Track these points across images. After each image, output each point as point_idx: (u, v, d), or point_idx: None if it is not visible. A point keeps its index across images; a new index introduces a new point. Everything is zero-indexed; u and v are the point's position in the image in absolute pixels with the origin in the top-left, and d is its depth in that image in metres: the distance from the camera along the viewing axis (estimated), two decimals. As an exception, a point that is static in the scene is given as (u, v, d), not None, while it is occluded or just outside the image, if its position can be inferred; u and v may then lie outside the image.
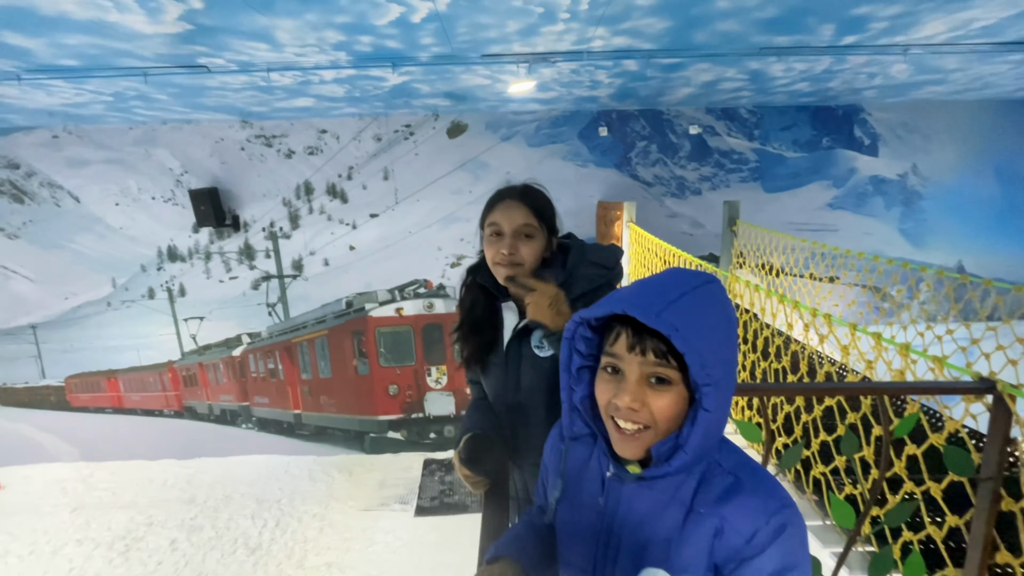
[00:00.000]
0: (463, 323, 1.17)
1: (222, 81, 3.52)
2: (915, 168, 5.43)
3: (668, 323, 0.54)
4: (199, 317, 5.55)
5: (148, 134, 5.10)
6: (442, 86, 3.94)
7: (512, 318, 1.15)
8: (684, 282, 0.58)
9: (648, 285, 0.59)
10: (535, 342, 1.11)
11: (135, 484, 5.42)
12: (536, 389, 1.11)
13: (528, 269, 1.08)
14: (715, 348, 0.55)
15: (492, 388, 1.18)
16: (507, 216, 1.06)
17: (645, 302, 0.56)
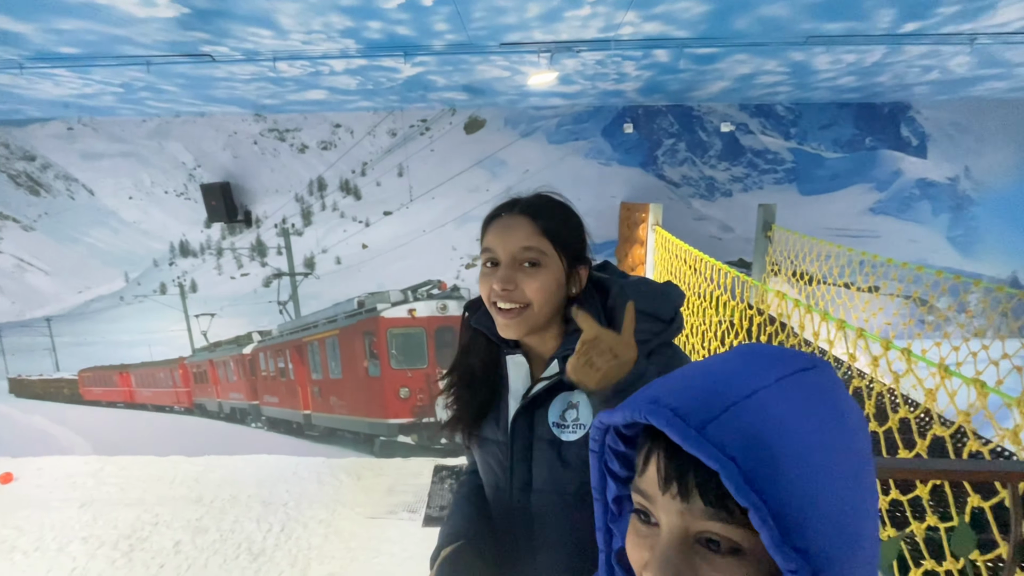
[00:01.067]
0: (454, 367, 0.89)
1: (229, 71, 3.37)
2: (967, 171, 5.02)
3: (718, 445, 0.30)
4: (210, 314, 5.46)
5: (161, 127, 5.01)
6: (459, 78, 3.74)
7: (520, 377, 0.84)
8: (760, 370, 0.34)
9: (701, 373, 0.36)
10: (555, 417, 0.79)
11: (144, 480, 5.37)
12: (554, 492, 0.79)
13: (537, 314, 0.77)
14: (818, 498, 0.30)
15: (488, 478, 0.88)
16: (501, 237, 0.77)
17: (687, 404, 0.33)
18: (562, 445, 0.78)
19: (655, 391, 0.35)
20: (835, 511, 0.31)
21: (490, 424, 0.85)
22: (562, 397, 0.80)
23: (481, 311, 0.86)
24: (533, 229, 0.78)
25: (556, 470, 0.79)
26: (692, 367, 0.37)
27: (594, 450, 0.42)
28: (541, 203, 0.81)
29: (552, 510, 0.80)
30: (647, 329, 0.78)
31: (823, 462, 0.31)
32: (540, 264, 0.77)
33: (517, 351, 0.85)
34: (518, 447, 0.81)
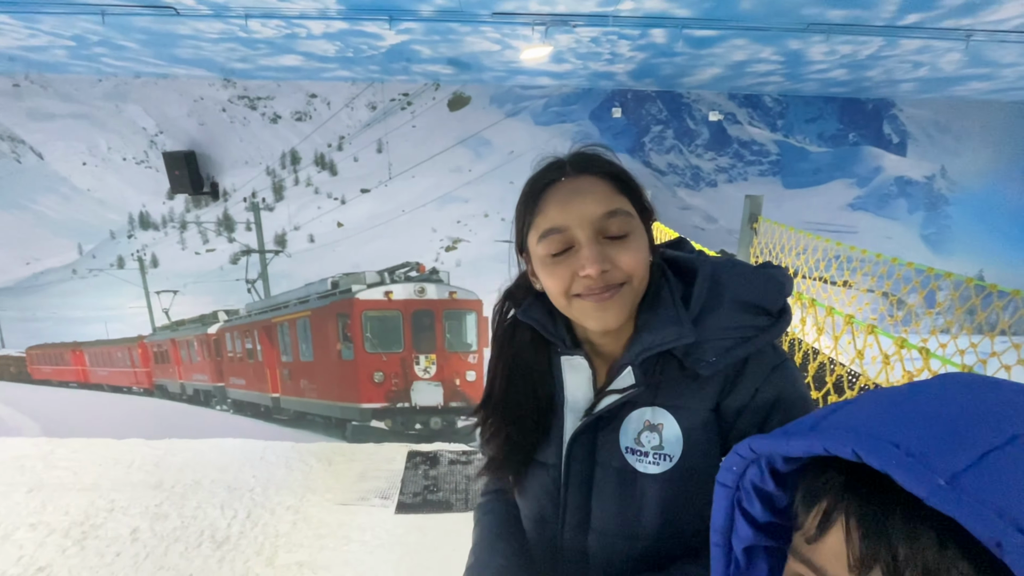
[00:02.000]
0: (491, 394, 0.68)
1: (195, 28, 3.09)
2: (943, 171, 5.11)
3: (987, 502, 0.21)
4: (172, 290, 5.16)
5: (119, 88, 4.64)
6: (445, 50, 3.54)
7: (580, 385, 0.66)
8: (1009, 407, 0.25)
9: (916, 404, 0.26)
10: (628, 441, 0.62)
11: (98, 464, 5.09)
12: (621, 535, 0.63)
13: (638, 288, 0.61)
14: None
15: (530, 508, 0.69)
16: (575, 206, 0.59)
17: (920, 442, 0.23)
18: (638, 478, 0.62)
19: (858, 419, 0.25)
20: None
21: (544, 449, 0.67)
22: (638, 414, 0.62)
23: (528, 302, 0.68)
24: (609, 188, 0.61)
25: (626, 508, 0.62)
26: (887, 394, 0.27)
27: (725, 483, 0.33)
28: (597, 155, 0.64)
29: (617, 556, 0.64)
30: (750, 324, 0.62)
31: None
32: (630, 230, 0.61)
33: (577, 351, 0.66)
34: (576, 476, 0.64)
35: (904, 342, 1.24)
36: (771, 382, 0.60)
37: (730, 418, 0.62)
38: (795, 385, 0.62)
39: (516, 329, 0.69)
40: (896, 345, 1.26)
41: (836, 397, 1.45)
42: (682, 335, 0.60)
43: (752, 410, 0.61)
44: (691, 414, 0.61)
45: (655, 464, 0.61)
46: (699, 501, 0.62)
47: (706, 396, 0.62)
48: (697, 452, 0.61)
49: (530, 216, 0.64)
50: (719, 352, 0.60)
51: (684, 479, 0.61)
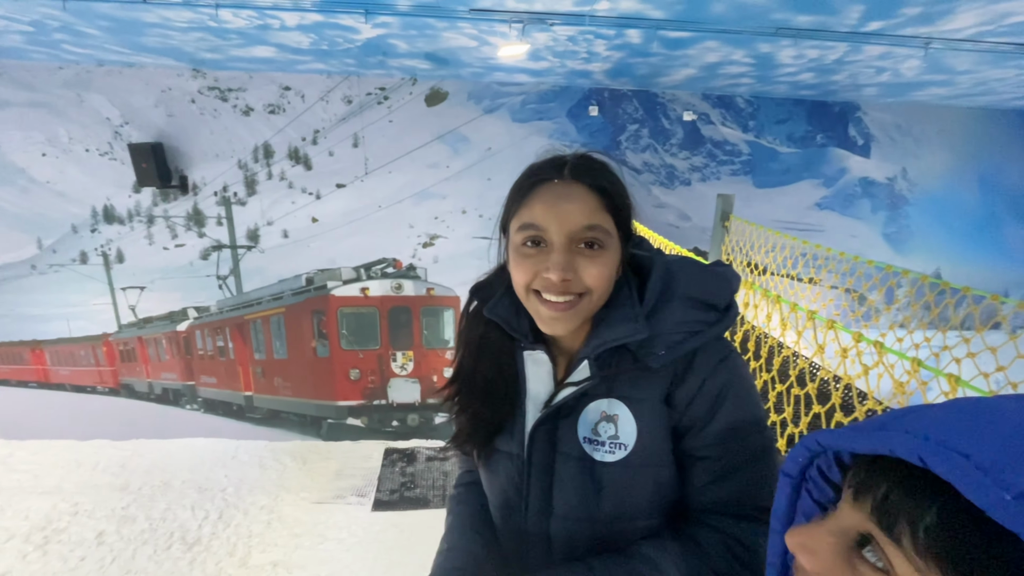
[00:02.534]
0: (460, 373, 0.73)
1: (163, 16, 3.00)
2: (904, 172, 5.33)
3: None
4: (139, 287, 5.01)
5: (81, 76, 4.46)
6: (423, 45, 3.52)
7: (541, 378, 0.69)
8: None
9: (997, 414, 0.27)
10: (586, 431, 0.66)
11: (61, 467, 4.91)
12: (584, 519, 0.67)
13: (596, 303, 0.64)
14: None
15: (497, 498, 0.73)
16: (556, 211, 0.61)
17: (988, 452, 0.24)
18: (595, 466, 0.66)
19: (929, 424, 0.26)
20: None
21: (503, 434, 0.71)
22: (595, 406, 0.66)
23: (496, 299, 0.71)
24: (595, 203, 0.63)
25: (586, 495, 0.66)
26: (969, 403, 0.28)
27: (790, 474, 0.35)
28: (597, 167, 0.66)
29: (577, 539, 0.68)
30: (699, 319, 0.66)
31: None
32: (603, 246, 0.63)
33: (539, 346, 0.70)
34: (537, 464, 0.68)
35: (860, 336, 1.31)
36: (717, 373, 0.64)
37: (680, 407, 0.66)
38: (740, 375, 0.66)
39: (482, 324, 0.72)
40: (854, 339, 1.33)
41: (798, 389, 1.51)
42: (636, 331, 0.64)
43: (700, 399, 0.64)
44: (644, 405, 0.65)
45: (611, 452, 0.65)
46: (652, 485, 0.66)
47: (657, 387, 0.66)
48: (649, 440, 0.65)
49: (517, 204, 0.66)
50: (669, 346, 0.64)
51: (638, 466, 0.65)
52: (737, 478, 0.64)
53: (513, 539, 0.72)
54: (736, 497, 0.64)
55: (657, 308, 0.65)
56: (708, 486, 0.65)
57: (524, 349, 0.70)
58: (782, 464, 0.35)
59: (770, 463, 0.66)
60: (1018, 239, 5.62)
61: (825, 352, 1.50)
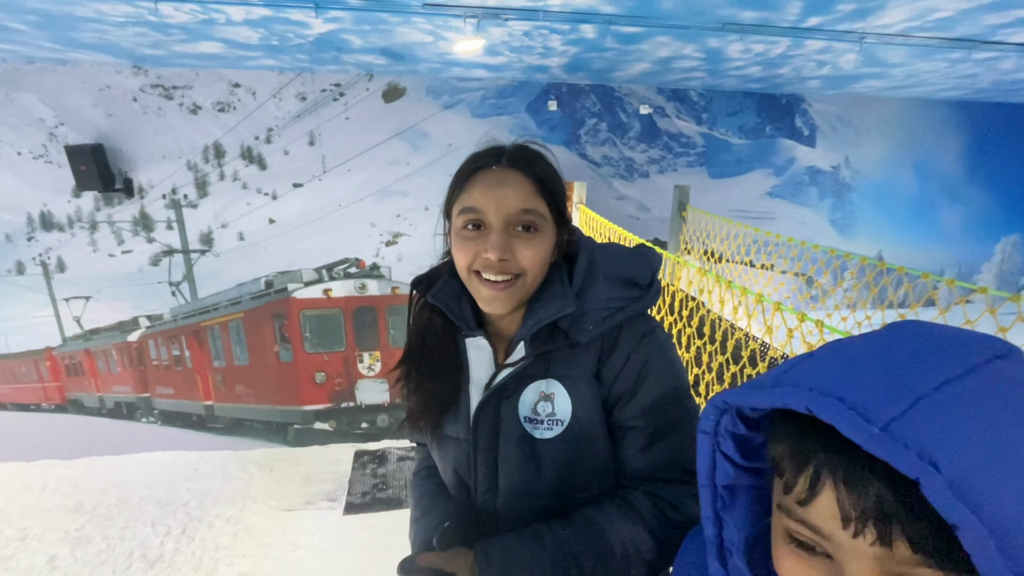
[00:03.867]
0: (408, 355, 0.77)
1: (97, 10, 2.85)
2: (847, 161, 5.61)
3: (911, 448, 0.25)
4: (84, 297, 4.75)
5: (9, 74, 4.18)
6: (376, 40, 3.46)
7: (482, 363, 0.74)
8: (944, 356, 0.28)
9: (864, 355, 0.30)
10: (526, 411, 0.70)
11: (6, 490, 4.63)
12: (527, 493, 0.71)
13: (530, 284, 0.68)
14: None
15: (450, 479, 0.78)
16: (494, 195, 0.65)
17: (861, 392, 0.27)
18: (536, 443, 0.70)
19: (811, 374, 0.29)
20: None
21: (449, 419, 0.75)
22: (534, 387, 0.70)
23: (439, 285, 0.75)
24: (531, 188, 0.67)
25: (528, 471, 0.71)
26: (842, 347, 0.31)
27: (705, 430, 0.37)
28: (533, 156, 0.70)
29: (522, 513, 0.72)
30: (622, 296, 0.71)
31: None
32: (538, 229, 0.67)
33: (478, 332, 0.74)
34: (483, 445, 0.72)
35: (804, 316, 1.38)
36: (641, 347, 0.70)
37: (608, 381, 0.70)
38: (662, 349, 0.71)
39: (427, 312, 0.77)
40: (798, 319, 1.40)
41: (750, 368, 1.59)
42: (565, 307, 0.68)
43: (626, 373, 0.69)
44: (577, 382, 0.70)
45: (549, 429, 0.70)
46: (589, 457, 0.71)
47: (588, 364, 0.70)
48: (583, 415, 0.70)
49: (458, 190, 0.70)
50: (596, 322, 0.69)
51: (575, 440, 0.70)
52: (663, 444, 0.69)
53: (460, 514, 0.76)
54: (664, 462, 0.69)
55: (584, 287, 0.70)
56: (638, 454, 0.70)
57: (466, 337, 0.75)
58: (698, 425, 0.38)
59: (692, 430, 0.70)
60: (952, 222, 6.01)
61: (774, 333, 1.57)
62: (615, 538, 0.66)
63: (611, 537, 0.66)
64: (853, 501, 0.28)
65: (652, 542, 0.66)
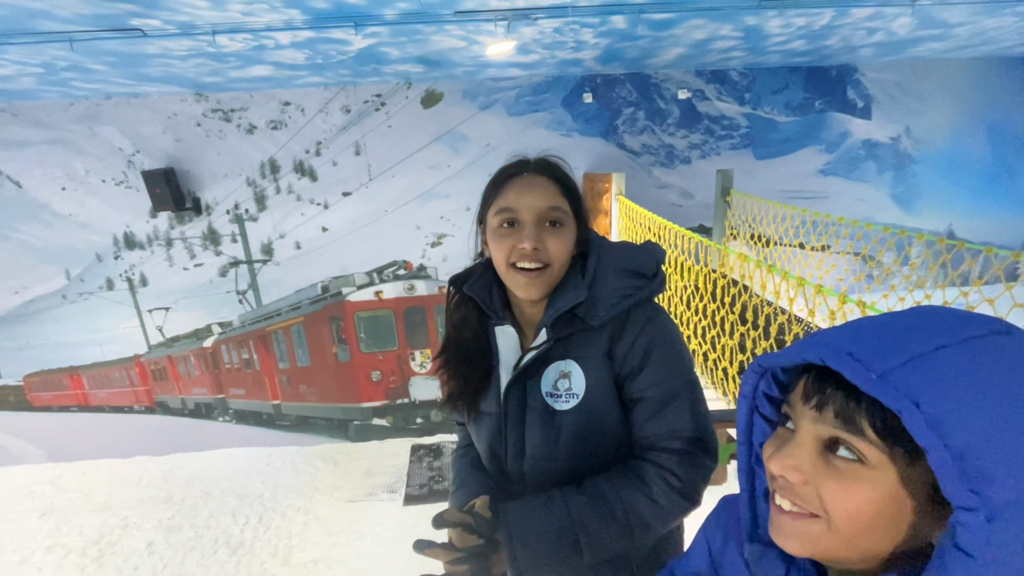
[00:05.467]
0: (447, 345, 0.88)
1: (163, 47, 3.13)
2: (908, 131, 5.26)
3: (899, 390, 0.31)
4: (164, 308, 5.21)
5: (91, 110, 4.64)
6: (413, 50, 3.60)
7: (510, 348, 0.85)
8: (947, 327, 0.34)
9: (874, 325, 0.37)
10: (548, 387, 0.81)
11: (108, 484, 5.16)
12: (545, 457, 0.82)
13: (557, 273, 0.79)
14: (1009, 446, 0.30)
15: (484, 447, 0.89)
16: (526, 196, 0.77)
17: (863, 350, 0.34)
18: (555, 414, 0.81)
19: (829, 336, 0.36)
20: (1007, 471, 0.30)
21: (485, 398, 0.86)
22: (554, 367, 0.81)
23: (474, 279, 0.86)
24: (555, 189, 0.79)
25: (549, 438, 0.81)
26: (867, 319, 0.38)
27: (745, 395, 0.44)
28: (554, 164, 0.82)
29: (545, 476, 0.83)
30: (630, 285, 0.80)
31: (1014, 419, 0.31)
32: (563, 224, 0.78)
33: (505, 322, 0.85)
34: (512, 419, 0.83)
35: (845, 298, 1.36)
36: (647, 329, 0.79)
37: (619, 360, 0.80)
38: (666, 330, 0.80)
39: (462, 304, 0.88)
40: (839, 301, 1.39)
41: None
42: (579, 295, 0.78)
43: (634, 352, 0.79)
44: (591, 361, 0.79)
45: (567, 402, 0.80)
46: (601, 427, 0.81)
47: (601, 345, 0.80)
48: (596, 389, 0.80)
49: (492, 196, 0.81)
50: (607, 308, 0.78)
51: (588, 411, 0.80)
52: (667, 414, 0.78)
53: (498, 479, 0.88)
54: (667, 431, 0.77)
55: (596, 278, 0.80)
56: (645, 423, 0.79)
57: (495, 325, 0.86)
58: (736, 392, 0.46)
59: (694, 402, 0.78)
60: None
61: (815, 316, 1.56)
62: (618, 505, 0.75)
63: (615, 504, 0.75)
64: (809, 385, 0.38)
65: (653, 507, 0.75)
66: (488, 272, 0.86)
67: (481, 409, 0.87)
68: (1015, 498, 0.30)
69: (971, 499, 0.30)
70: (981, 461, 0.30)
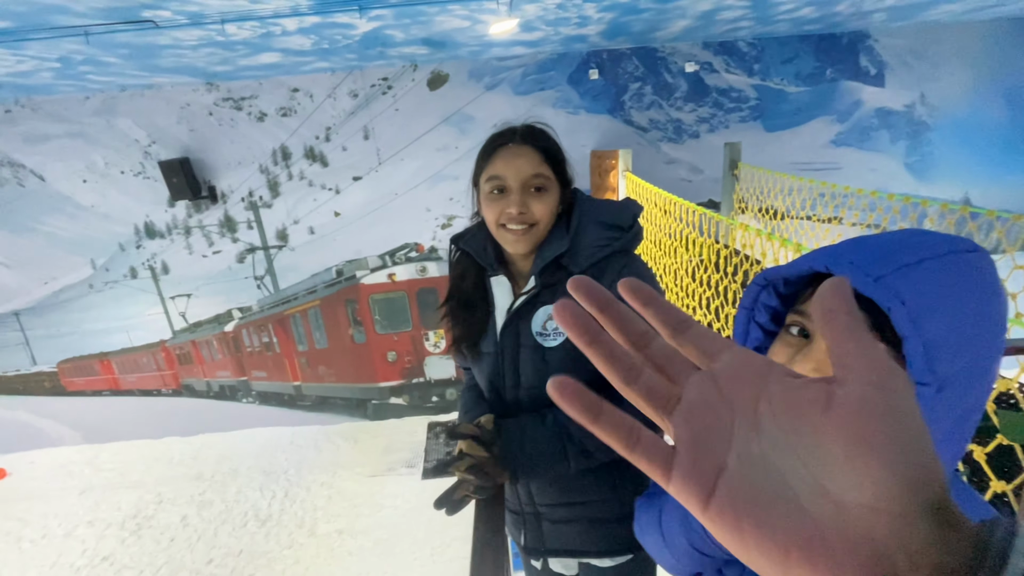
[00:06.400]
0: (450, 296, 1.01)
1: (174, 38, 3.20)
2: (923, 98, 5.15)
3: (890, 291, 0.39)
4: (186, 294, 5.38)
5: (107, 103, 4.75)
6: (417, 31, 3.62)
7: (504, 295, 0.97)
8: (927, 244, 0.42)
9: (872, 241, 0.44)
10: (537, 327, 0.93)
11: (141, 463, 5.42)
12: (537, 386, 0.93)
13: (543, 230, 0.90)
14: (961, 338, 0.39)
15: (485, 382, 1.01)
16: (512, 165, 0.86)
17: (862, 259, 0.42)
18: (544, 351, 0.92)
19: (832, 250, 0.44)
20: (972, 355, 0.40)
21: (484, 340, 0.98)
22: (543, 310, 0.92)
23: (469, 236, 0.97)
24: (539, 157, 0.88)
25: (540, 370, 0.93)
26: (864, 237, 0.45)
27: (745, 306, 0.51)
28: (538, 132, 0.91)
29: (538, 401, 0.95)
30: (608, 236, 0.90)
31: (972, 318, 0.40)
32: (546, 189, 0.88)
33: (499, 272, 0.96)
34: (508, 355, 0.95)
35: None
36: (623, 273, 0.89)
37: None
38: (641, 272, 0.90)
39: (462, 260, 0.99)
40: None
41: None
42: (562, 245, 0.88)
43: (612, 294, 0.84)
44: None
45: (554, 340, 0.93)
46: (583, 360, 0.86)
47: None
48: None
49: (483, 163, 0.92)
50: (587, 256, 0.89)
51: (572, 347, 0.87)
52: None
53: (498, 406, 1.00)
54: None
55: (578, 231, 0.90)
56: None
57: (491, 276, 0.97)
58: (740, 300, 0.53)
59: None
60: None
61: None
62: None
63: None
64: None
65: None
66: (483, 230, 0.97)
67: (482, 350, 0.98)
68: (958, 371, 0.39)
69: (929, 376, 0.38)
70: (942, 348, 0.38)
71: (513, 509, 1.05)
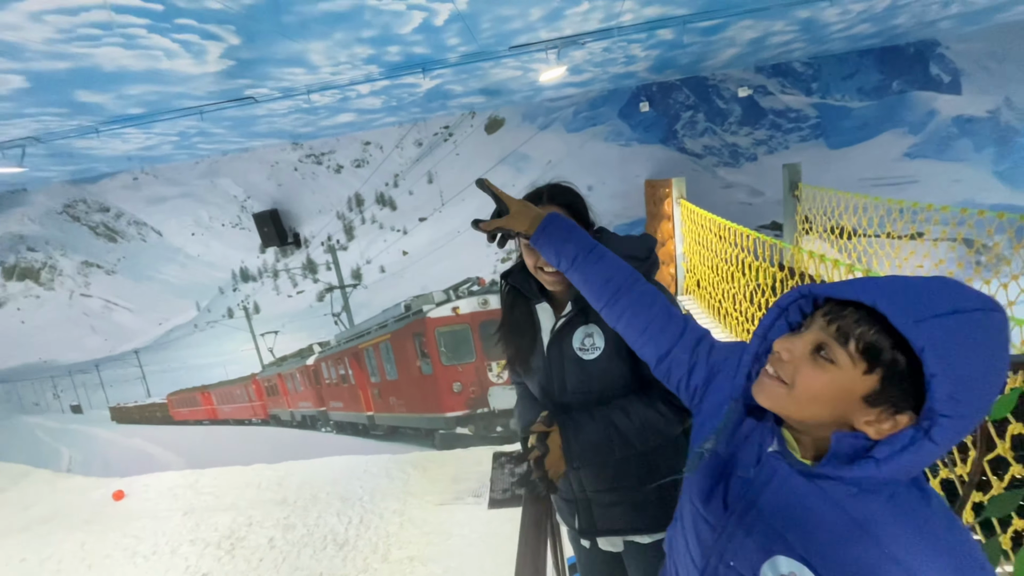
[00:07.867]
0: (503, 324, 1.18)
1: (269, 108, 3.71)
2: (1008, 101, 4.80)
3: (927, 336, 0.48)
4: (274, 331, 5.93)
5: (212, 166, 5.48)
6: (474, 84, 3.94)
7: (548, 319, 1.14)
8: (959, 298, 0.50)
9: (911, 285, 0.52)
10: (577, 344, 1.09)
11: (234, 488, 5.91)
12: (582, 391, 1.09)
13: None
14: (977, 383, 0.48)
15: (538, 390, 1.18)
16: None
17: (905, 302, 0.50)
18: (585, 363, 1.09)
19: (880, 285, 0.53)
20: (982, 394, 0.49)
21: (535, 357, 1.15)
22: (582, 330, 1.09)
23: (515, 273, 1.15)
24: (563, 212, 1.05)
25: (583, 379, 1.10)
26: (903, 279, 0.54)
27: (780, 304, 0.63)
28: (560, 190, 1.09)
29: (583, 404, 1.10)
30: None
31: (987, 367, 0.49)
32: None
33: (542, 300, 1.13)
34: (555, 368, 1.11)
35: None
36: None
37: None
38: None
39: (511, 292, 1.17)
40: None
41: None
42: None
43: None
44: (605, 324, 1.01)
45: (591, 354, 1.09)
46: (618, 372, 1.08)
47: None
48: (612, 343, 1.08)
49: None
50: None
51: (607, 360, 1.09)
52: None
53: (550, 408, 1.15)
54: None
55: None
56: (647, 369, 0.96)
57: (536, 304, 1.14)
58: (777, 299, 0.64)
59: None
60: None
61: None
62: (635, 414, 1.04)
63: (632, 414, 1.05)
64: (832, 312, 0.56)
65: (657, 417, 1.03)
66: (526, 267, 1.13)
67: (532, 365, 1.15)
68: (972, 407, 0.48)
69: (950, 409, 0.48)
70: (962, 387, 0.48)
71: (567, 497, 1.18)
